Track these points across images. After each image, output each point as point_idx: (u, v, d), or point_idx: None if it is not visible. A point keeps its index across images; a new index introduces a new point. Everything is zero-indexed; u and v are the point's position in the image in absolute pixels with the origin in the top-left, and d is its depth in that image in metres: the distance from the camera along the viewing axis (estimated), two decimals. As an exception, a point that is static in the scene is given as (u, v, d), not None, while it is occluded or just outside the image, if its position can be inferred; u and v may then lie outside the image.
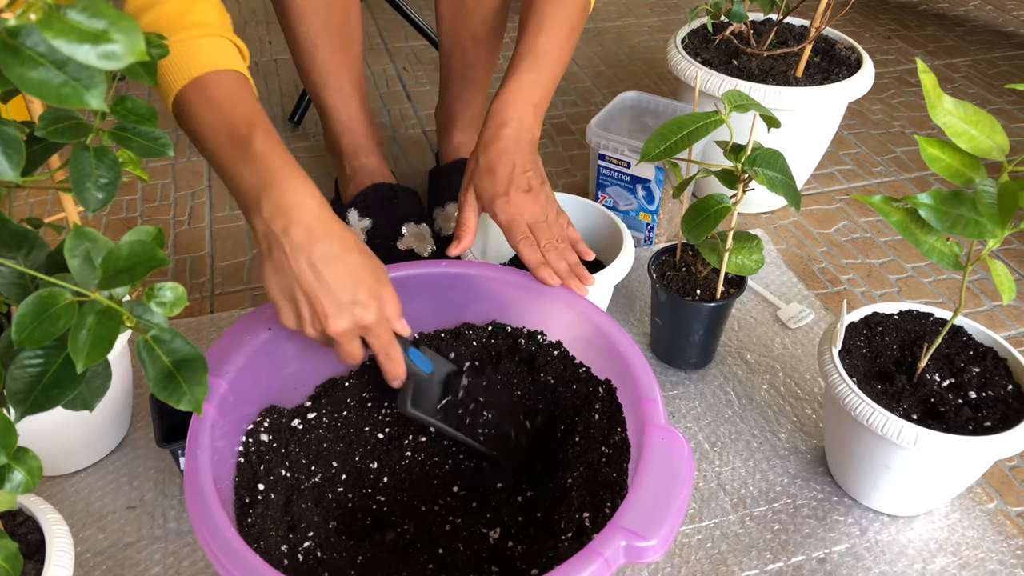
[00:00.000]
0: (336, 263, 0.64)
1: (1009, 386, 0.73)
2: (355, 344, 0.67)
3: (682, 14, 1.86)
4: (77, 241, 0.45)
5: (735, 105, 0.73)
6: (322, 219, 0.65)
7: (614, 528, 0.54)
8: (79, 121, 0.48)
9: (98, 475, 0.81)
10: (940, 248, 0.66)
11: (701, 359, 0.93)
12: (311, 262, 0.63)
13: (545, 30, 0.85)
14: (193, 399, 0.45)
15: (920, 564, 0.74)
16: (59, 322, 0.42)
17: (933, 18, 1.84)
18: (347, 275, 0.64)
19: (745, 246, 0.84)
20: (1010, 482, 0.83)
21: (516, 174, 0.80)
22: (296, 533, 0.65)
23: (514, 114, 0.82)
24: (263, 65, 1.62)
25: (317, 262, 0.63)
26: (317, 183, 0.65)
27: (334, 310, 0.64)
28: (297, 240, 0.63)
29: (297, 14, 0.97)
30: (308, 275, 0.63)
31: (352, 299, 0.64)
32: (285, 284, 0.64)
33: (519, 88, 0.83)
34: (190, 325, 0.99)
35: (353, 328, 0.65)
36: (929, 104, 0.63)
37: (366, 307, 0.65)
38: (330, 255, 0.64)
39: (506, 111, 0.82)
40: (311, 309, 0.64)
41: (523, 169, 0.80)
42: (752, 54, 1.14)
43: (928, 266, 1.12)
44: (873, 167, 1.33)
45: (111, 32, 0.30)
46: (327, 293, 0.63)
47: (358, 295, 0.65)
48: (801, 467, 0.83)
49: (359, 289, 0.65)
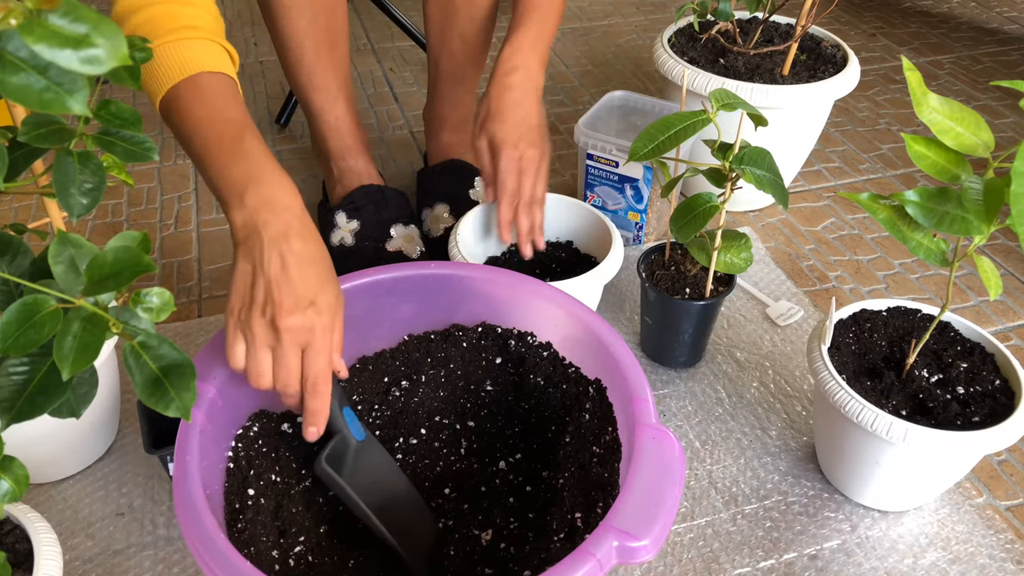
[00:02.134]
0: (307, 264, 0.63)
1: (996, 381, 0.74)
2: (295, 354, 0.62)
3: (668, 13, 1.87)
4: (61, 247, 0.45)
5: (722, 104, 0.73)
6: (304, 222, 0.64)
7: (606, 528, 0.54)
8: (62, 126, 0.48)
9: (86, 482, 0.81)
10: (927, 244, 0.67)
11: (691, 358, 0.94)
12: (283, 255, 0.62)
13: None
14: (181, 405, 0.45)
15: (911, 559, 0.75)
16: (44, 329, 0.41)
17: (917, 15, 1.86)
18: (315, 278, 0.63)
19: (733, 244, 0.84)
20: (999, 476, 0.83)
21: (527, 125, 0.84)
22: (287, 538, 0.64)
23: (522, 63, 0.86)
24: (249, 67, 1.61)
25: (289, 257, 0.62)
26: (304, 185, 0.65)
27: (291, 302, 0.61)
28: (276, 232, 0.62)
29: (283, 14, 0.96)
30: (276, 265, 0.62)
31: (311, 300, 0.62)
32: (250, 270, 0.62)
33: (526, 38, 0.87)
34: (178, 330, 0.99)
35: (302, 327, 0.61)
36: (915, 101, 0.64)
37: (320, 313, 0.62)
38: (304, 255, 0.63)
39: (515, 59, 0.86)
40: (268, 296, 0.61)
41: (533, 121, 0.85)
42: (739, 53, 1.14)
43: (915, 262, 1.13)
44: (860, 164, 1.33)
45: (93, 36, 0.30)
46: (289, 286, 0.61)
47: (319, 300, 0.63)
48: (792, 464, 0.83)
49: (321, 296, 0.63)
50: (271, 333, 0.62)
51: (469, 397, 0.79)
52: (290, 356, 0.62)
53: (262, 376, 0.62)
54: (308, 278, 0.62)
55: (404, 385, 0.78)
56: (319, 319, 0.62)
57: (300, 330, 0.62)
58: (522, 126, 0.85)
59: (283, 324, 0.61)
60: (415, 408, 0.77)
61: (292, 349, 0.62)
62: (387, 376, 0.78)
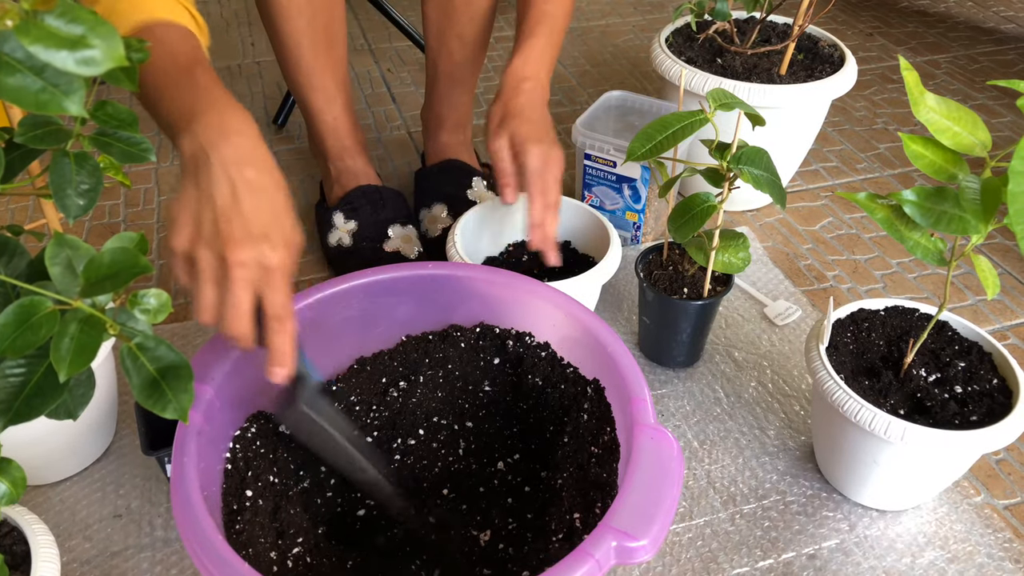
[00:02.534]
0: (260, 194, 0.58)
1: (994, 380, 0.74)
2: (246, 291, 0.56)
3: (666, 13, 1.87)
4: (58, 248, 0.45)
5: (720, 103, 0.73)
6: (258, 148, 0.60)
7: (605, 529, 0.53)
8: (59, 127, 0.47)
9: (83, 484, 0.80)
10: (925, 244, 0.67)
11: (689, 357, 0.94)
12: (234, 184, 0.57)
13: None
14: (179, 407, 0.45)
15: (909, 558, 0.75)
16: (41, 331, 0.41)
17: (914, 15, 1.86)
18: (268, 210, 0.58)
19: (731, 244, 0.84)
20: (997, 475, 0.83)
21: (547, 125, 0.84)
22: (285, 539, 0.64)
23: (532, 74, 0.86)
24: (246, 67, 1.61)
25: (240, 186, 0.57)
26: (302, 185, 0.65)
27: (242, 236, 0.56)
28: (226, 159, 0.57)
29: (281, 14, 0.96)
30: (227, 196, 0.56)
31: (264, 234, 0.57)
32: (196, 201, 0.57)
33: (535, 50, 0.87)
34: (175, 331, 0.99)
35: (255, 263, 0.56)
36: (912, 101, 0.64)
37: (275, 247, 0.57)
38: (256, 184, 0.58)
39: (525, 69, 0.86)
40: (216, 229, 0.56)
41: (550, 123, 0.84)
42: (736, 52, 1.14)
43: (913, 262, 1.13)
44: (857, 164, 1.33)
45: (89, 37, 0.30)
46: (240, 218, 0.56)
47: (272, 233, 0.57)
48: (790, 464, 0.83)
49: (275, 228, 0.58)
50: (219, 267, 0.57)
51: (467, 398, 0.78)
52: (239, 293, 0.56)
53: (206, 311, 0.57)
54: (261, 209, 0.58)
55: (402, 386, 0.77)
56: (274, 253, 0.57)
57: (253, 265, 0.57)
58: (543, 125, 0.84)
59: (233, 258, 0.56)
60: (413, 409, 0.77)
61: (242, 286, 0.56)
62: (385, 377, 0.78)
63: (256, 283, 0.57)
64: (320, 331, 0.75)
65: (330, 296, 0.74)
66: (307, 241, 1.15)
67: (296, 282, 1.08)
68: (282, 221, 0.59)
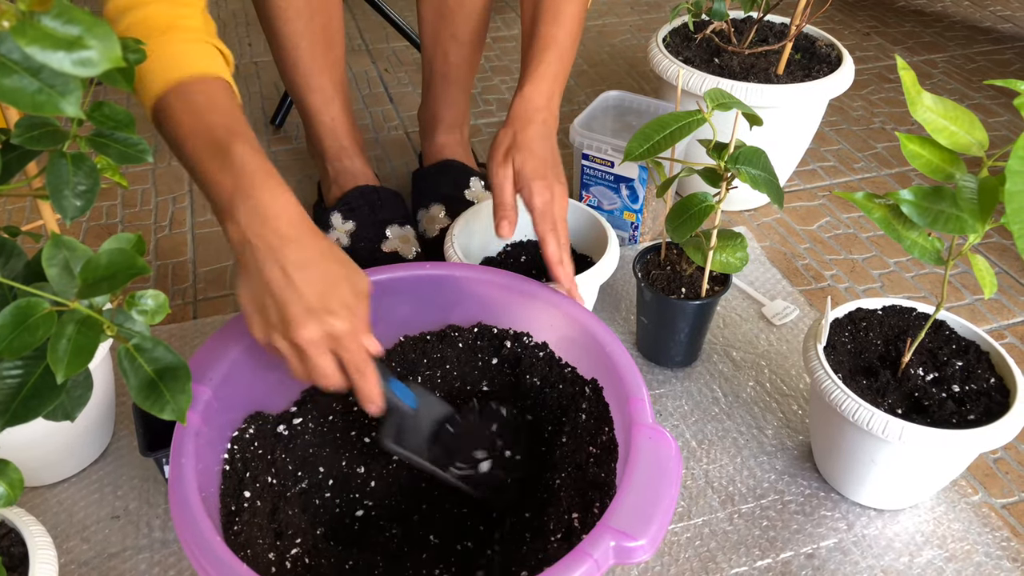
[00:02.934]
0: (309, 268, 0.61)
1: (992, 379, 0.74)
2: (326, 359, 0.62)
3: (663, 13, 1.87)
4: (55, 250, 0.45)
5: (717, 103, 0.73)
6: (298, 226, 0.63)
7: (603, 528, 0.53)
8: (55, 128, 0.47)
9: (81, 485, 0.80)
10: (922, 243, 0.67)
11: (687, 357, 0.94)
12: (283, 267, 0.60)
13: (561, 22, 0.88)
14: (176, 408, 0.45)
15: (907, 557, 0.75)
16: (38, 332, 0.41)
17: (911, 14, 1.86)
18: (320, 281, 0.61)
19: (729, 244, 0.84)
20: (994, 474, 0.83)
21: (554, 161, 0.81)
22: (283, 540, 0.64)
23: (544, 103, 0.84)
24: (244, 67, 1.61)
25: (289, 267, 0.60)
26: (299, 186, 0.65)
27: (303, 316, 0.60)
28: (271, 244, 0.61)
29: (279, 15, 0.96)
30: (279, 280, 0.60)
31: (323, 306, 0.61)
32: (255, 291, 0.61)
33: (546, 78, 0.85)
34: (173, 332, 0.99)
35: (323, 337, 0.61)
36: (909, 101, 0.64)
37: (337, 316, 0.61)
38: (303, 260, 0.61)
39: (538, 100, 0.84)
40: (280, 315, 0.61)
41: (557, 159, 0.82)
42: (733, 52, 1.14)
43: (910, 261, 1.13)
44: (854, 163, 1.33)
45: (86, 38, 0.30)
46: (297, 298, 0.60)
47: (330, 303, 0.61)
48: (788, 463, 0.83)
49: (332, 297, 0.62)
50: (297, 351, 0.62)
51: (465, 398, 0.78)
52: (321, 363, 0.62)
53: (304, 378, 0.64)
54: (314, 284, 0.61)
55: (400, 386, 0.77)
56: (337, 322, 0.61)
57: (321, 339, 0.61)
58: (550, 161, 0.81)
59: (302, 340, 0.61)
60: (411, 409, 0.77)
61: (320, 358, 0.62)
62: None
63: (330, 349, 0.62)
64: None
65: (328, 297, 0.74)
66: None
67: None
68: (336, 284, 0.63)
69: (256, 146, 0.65)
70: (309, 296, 0.61)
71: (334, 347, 0.62)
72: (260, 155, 0.64)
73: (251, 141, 0.65)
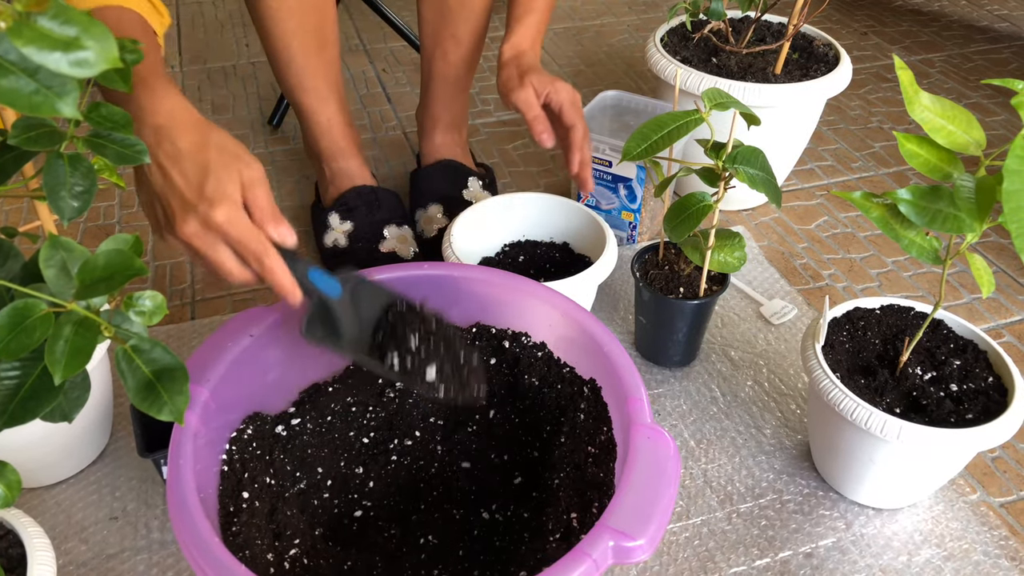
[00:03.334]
0: (184, 160, 0.60)
1: (989, 378, 0.74)
2: (220, 252, 0.60)
3: (661, 12, 1.87)
4: (52, 251, 0.44)
5: (715, 103, 0.73)
6: (175, 117, 0.61)
7: (602, 528, 0.53)
8: (52, 128, 0.47)
9: (79, 486, 0.80)
10: (920, 243, 0.67)
11: (685, 357, 0.94)
12: (159, 162, 0.60)
13: None
14: (174, 409, 0.45)
15: (905, 556, 0.75)
16: (35, 333, 0.41)
17: (909, 14, 1.86)
18: (197, 172, 0.60)
19: (727, 243, 0.84)
20: (992, 473, 0.83)
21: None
22: (282, 541, 0.64)
23: (529, 47, 0.95)
24: (241, 68, 1.61)
25: (165, 161, 0.60)
26: (297, 186, 0.65)
27: (181, 210, 0.59)
28: (148, 142, 0.60)
29: (270, 16, 0.96)
30: (157, 176, 0.60)
31: (200, 197, 0.59)
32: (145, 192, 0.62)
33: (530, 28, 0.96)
34: (170, 332, 0.98)
35: (202, 231, 0.59)
36: (907, 100, 0.64)
37: (216, 205, 0.59)
38: (178, 152, 0.60)
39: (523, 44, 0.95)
40: (164, 212, 0.60)
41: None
42: (731, 52, 1.14)
43: (908, 260, 1.13)
44: (852, 163, 1.34)
45: (82, 39, 0.29)
46: (173, 192, 0.59)
47: (208, 193, 0.59)
48: (786, 462, 0.83)
49: (206, 185, 0.59)
50: (186, 246, 0.61)
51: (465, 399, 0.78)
52: (215, 257, 0.61)
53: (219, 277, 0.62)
54: (188, 175, 0.60)
55: (398, 386, 0.77)
56: (212, 211, 0.59)
57: (201, 232, 0.60)
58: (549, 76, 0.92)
59: (185, 235, 0.60)
60: (410, 410, 0.77)
61: (212, 251, 0.60)
62: (381, 378, 0.78)
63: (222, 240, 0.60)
64: (316, 332, 0.75)
65: (326, 297, 0.74)
66: (303, 242, 1.15)
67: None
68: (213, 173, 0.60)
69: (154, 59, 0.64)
70: (184, 189, 0.60)
71: (224, 239, 0.60)
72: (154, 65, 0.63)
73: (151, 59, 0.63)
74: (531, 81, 0.90)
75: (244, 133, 1.40)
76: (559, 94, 0.90)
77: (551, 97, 0.90)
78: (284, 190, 1.25)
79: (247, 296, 1.06)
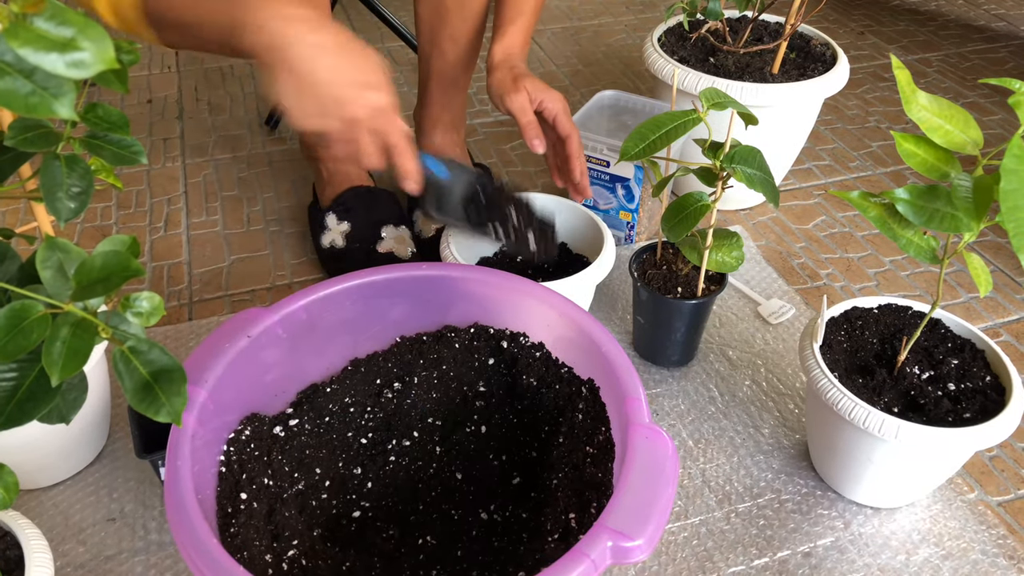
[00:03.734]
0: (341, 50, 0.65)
1: (987, 377, 0.74)
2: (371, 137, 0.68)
3: (658, 12, 1.87)
4: (49, 252, 0.44)
5: (712, 103, 0.73)
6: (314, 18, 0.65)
7: (600, 529, 0.53)
8: (49, 130, 0.47)
9: (77, 488, 0.80)
10: (917, 242, 0.67)
11: (683, 356, 0.94)
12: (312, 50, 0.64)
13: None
14: (172, 410, 0.45)
15: (904, 555, 0.75)
16: (32, 335, 0.41)
17: (906, 13, 1.86)
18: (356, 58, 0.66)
19: (725, 243, 0.84)
20: (990, 472, 0.83)
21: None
22: (280, 542, 0.64)
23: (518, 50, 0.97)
24: (238, 68, 1.61)
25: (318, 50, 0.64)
26: (294, 187, 0.65)
27: (351, 91, 0.65)
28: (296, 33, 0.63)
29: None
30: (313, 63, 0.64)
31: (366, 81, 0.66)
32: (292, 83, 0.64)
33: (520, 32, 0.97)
34: (168, 333, 0.98)
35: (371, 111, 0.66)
36: (904, 99, 0.64)
37: (380, 89, 0.66)
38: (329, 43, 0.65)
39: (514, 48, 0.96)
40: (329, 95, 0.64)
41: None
42: (728, 51, 1.15)
43: (906, 259, 1.13)
44: (850, 162, 1.34)
45: (79, 40, 0.29)
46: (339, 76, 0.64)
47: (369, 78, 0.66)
48: (785, 462, 0.84)
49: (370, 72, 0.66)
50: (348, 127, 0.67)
51: (462, 398, 0.78)
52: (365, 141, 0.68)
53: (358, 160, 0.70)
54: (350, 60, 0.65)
55: (396, 387, 0.77)
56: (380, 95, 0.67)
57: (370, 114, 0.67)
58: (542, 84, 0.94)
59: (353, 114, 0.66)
60: (408, 410, 0.77)
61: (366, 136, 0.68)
62: (379, 378, 0.78)
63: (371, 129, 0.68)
64: (314, 332, 0.75)
65: (324, 298, 0.74)
66: (300, 243, 1.15)
67: (289, 284, 1.08)
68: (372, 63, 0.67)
69: None
70: (351, 73, 0.65)
71: (377, 124, 0.68)
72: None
73: None
74: (525, 86, 0.91)
75: (241, 134, 1.40)
76: (554, 103, 0.91)
77: (545, 105, 0.91)
78: (281, 190, 1.25)
79: (245, 297, 1.06)
